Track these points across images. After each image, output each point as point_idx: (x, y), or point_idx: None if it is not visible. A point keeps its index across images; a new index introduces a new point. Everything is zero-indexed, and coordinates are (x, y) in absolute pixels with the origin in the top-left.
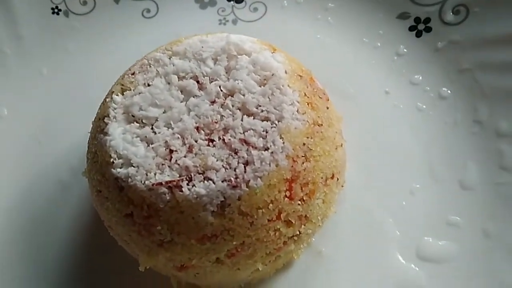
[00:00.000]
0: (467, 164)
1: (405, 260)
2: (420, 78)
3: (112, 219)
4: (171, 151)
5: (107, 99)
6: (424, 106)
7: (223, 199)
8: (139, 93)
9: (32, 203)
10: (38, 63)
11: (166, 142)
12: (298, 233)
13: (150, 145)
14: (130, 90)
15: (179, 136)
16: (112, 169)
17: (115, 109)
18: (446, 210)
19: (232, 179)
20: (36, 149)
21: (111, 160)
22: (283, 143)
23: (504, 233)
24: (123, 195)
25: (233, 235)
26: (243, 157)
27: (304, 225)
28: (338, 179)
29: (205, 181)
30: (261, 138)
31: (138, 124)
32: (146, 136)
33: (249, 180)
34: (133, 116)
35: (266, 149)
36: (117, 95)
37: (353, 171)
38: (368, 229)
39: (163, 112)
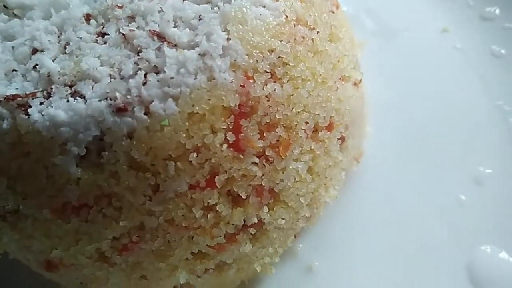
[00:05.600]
0: None
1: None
2: (497, 11)
3: None
4: (35, 52)
5: None
6: (503, 51)
7: (98, 133)
8: None
9: None
10: None
11: (33, 38)
12: (255, 221)
13: (10, 43)
14: None
15: (56, 30)
16: None
17: None
18: None
19: (119, 96)
20: None
21: None
22: (229, 40)
23: None
24: None
25: (120, 208)
26: (147, 60)
27: (271, 208)
28: (343, 138)
29: (71, 99)
30: (187, 30)
31: (6, 17)
32: (9, 32)
33: (151, 101)
34: (6, 7)
35: (194, 47)
36: None
37: (379, 140)
38: (394, 236)
39: None
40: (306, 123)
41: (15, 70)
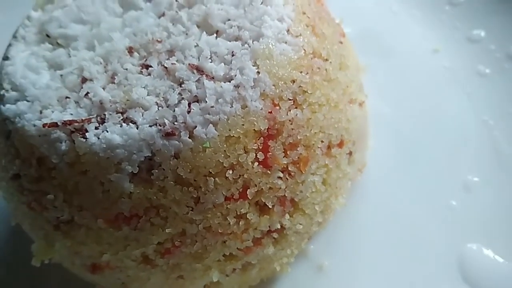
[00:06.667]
0: None
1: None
2: (482, 33)
3: (1, 183)
4: (85, 80)
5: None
6: (487, 70)
7: (149, 154)
8: (64, 6)
9: None
10: None
11: (80, 67)
12: (279, 227)
13: (58, 72)
14: (54, 3)
15: (101, 61)
16: (1, 106)
17: (27, 27)
18: None
19: (167, 122)
20: None
21: (2, 92)
22: (258, 73)
23: None
24: (10, 144)
25: (166, 218)
26: (189, 90)
27: (291, 215)
28: (351, 152)
29: (124, 124)
30: (222, 64)
31: (51, 46)
32: (56, 61)
33: (195, 127)
34: (48, 35)
35: (229, 80)
36: (37, 10)
37: (379, 151)
38: (396, 239)
39: (89, 30)
40: (322, 141)
41: (68, 97)
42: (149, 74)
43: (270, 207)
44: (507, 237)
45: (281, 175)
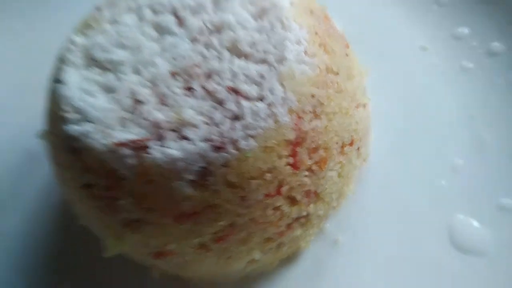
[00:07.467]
0: None
1: (444, 251)
2: (466, 31)
3: (70, 192)
4: (138, 103)
5: (67, 41)
6: (471, 65)
7: (204, 164)
8: (104, 32)
9: None
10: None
11: (132, 91)
12: (305, 214)
13: (112, 95)
14: (94, 28)
15: (149, 84)
16: (65, 126)
17: (73, 52)
18: (495, 190)
19: (216, 138)
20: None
21: (64, 114)
22: (285, 92)
23: None
24: (78, 159)
25: (220, 213)
26: (230, 109)
27: (314, 204)
28: (359, 148)
29: (181, 141)
30: (254, 86)
31: (100, 70)
32: (107, 85)
33: (238, 140)
34: (94, 60)
35: (262, 99)
36: (78, 35)
37: (379, 143)
38: (397, 214)
39: (131, 55)
40: (337, 143)
41: (126, 118)
42: (193, 96)
43: (299, 199)
44: (487, 207)
45: (306, 173)
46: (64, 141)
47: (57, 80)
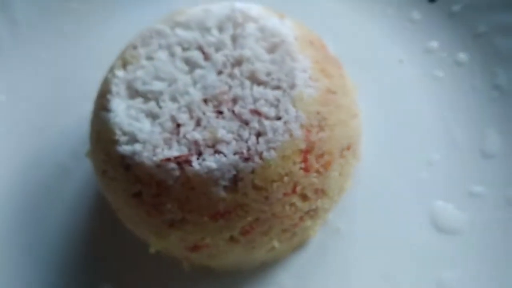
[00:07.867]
0: (488, 132)
1: (426, 232)
2: (436, 44)
3: (120, 200)
4: (179, 125)
5: (109, 75)
6: (441, 74)
7: (235, 172)
8: (142, 67)
9: (32, 188)
10: (35, 47)
11: (172, 116)
12: (314, 207)
13: (156, 120)
14: (132, 64)
15: (186, 110)
16: (118, 147)
17: (117, 84)
18: (467, 179)
19: (244, 151)
20: (35, 133)
21: (116, 137)
22: (296, 112)
23: None
24: (130, 173)
25: (247, 211)
26: (254, 128)
27: (321, 199)
28: (354, 150)
29: (216, 155)
30: (273, 108)
31: (142, 99)
32: (151, 111)
33: (262, 152)
34: (136, 91)
35: (279, 118)
36: (119, 70)
37: (369, 144)
38: (387, 203)
39: (168, 86)
40: (338, 148)
41: (170, 139)
42: (223, 118)
43: (309, 196)
44: (461, 194)
45: (315, 175)
46: (116, 159)
47: (105, 109)
